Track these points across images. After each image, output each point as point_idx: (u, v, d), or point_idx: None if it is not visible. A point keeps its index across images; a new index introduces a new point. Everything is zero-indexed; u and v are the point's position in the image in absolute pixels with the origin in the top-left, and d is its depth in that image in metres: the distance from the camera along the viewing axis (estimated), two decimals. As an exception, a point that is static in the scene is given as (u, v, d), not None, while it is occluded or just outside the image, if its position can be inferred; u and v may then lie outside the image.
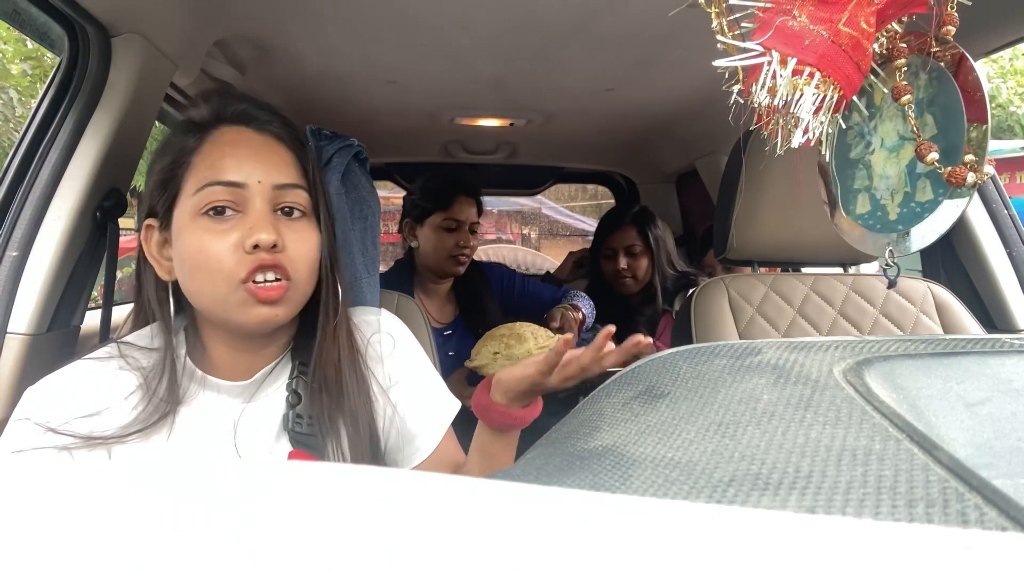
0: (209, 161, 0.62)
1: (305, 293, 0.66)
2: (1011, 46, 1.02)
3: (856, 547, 0.15)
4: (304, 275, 0.64)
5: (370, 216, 0.93)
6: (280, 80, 1.45)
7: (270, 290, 0.61)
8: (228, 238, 0.60)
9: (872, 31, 0.56)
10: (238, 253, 0.60)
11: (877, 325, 1.19)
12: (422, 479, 0.20)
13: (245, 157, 0.63)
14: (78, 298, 0.94)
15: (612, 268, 1.80)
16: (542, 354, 0.67)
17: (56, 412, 0.61)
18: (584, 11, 1.10)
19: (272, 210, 0.63)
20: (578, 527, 0.16)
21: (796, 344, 0.35)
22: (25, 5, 0.86)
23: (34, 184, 0.87)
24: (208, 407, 0.66)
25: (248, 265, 0.60)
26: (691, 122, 1.80)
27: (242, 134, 0.64)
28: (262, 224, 0.61)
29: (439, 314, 1.54)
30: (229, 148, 0.63)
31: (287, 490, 0.19)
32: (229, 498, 0.18)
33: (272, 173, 0.63)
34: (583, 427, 0.35)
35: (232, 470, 0.21)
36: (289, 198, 0.64)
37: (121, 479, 0.20)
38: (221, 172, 0.62)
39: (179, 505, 0.18)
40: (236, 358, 0.68)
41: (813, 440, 0.25)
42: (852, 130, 0.71)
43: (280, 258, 0.61)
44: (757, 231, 1.18)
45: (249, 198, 0.62)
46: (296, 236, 0.64)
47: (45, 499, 0.18)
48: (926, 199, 0.65)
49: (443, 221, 1.45)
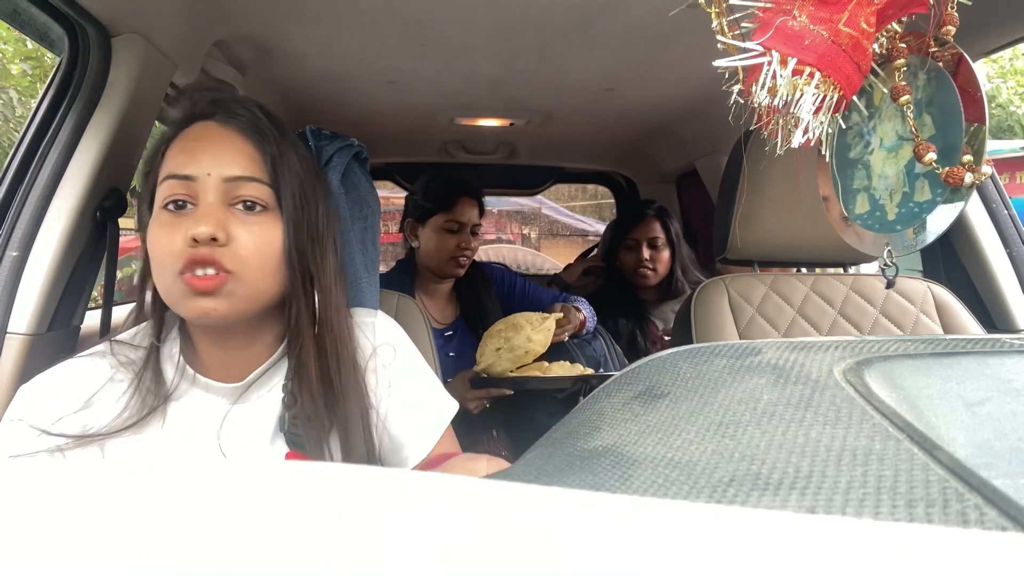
0: (172, 155, 0.64)
1: (254, 288, 0.63)
2: (1011, 46, 1.02)
3: (856, 547, 0.15)
4: (252, 270, 0.63)
5: (370, 216, 0.93)
6: (280, 80, 1.45)
7: (203, 280, 0.60)
8: (178, 231, 0.61)
9: (872, 31, 0.56)
10: (180, 246, 0.60)
11: (877, 325, 1.19)
12: (422, 479, 0.20)
13: (201, 151, 0.63)
14: (78, 298, 0.94)
15: (635, 259, 1.80)
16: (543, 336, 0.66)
17: (48, 409, 0.62)
18: (584, 11, 1.10)
19: (226, 204, 0.63)
20: (578, 527, 0.16)
21: (796, 344, 0.35)
22: (25, 5, 0.86)
23: (34, 184, 0.87)
24: (197, 406, 0.66)
25: (183, 258, 0.60)
26: (691, 122, 1.80)
27: (207, 128, 0.65)
28: (204, 217, 0.61)
29: (440, 315, 1.54)
30: (190, 142, 0.64)
31: (284, 490, 0.19)
32: (219, 499, 0.18)
33: (224, 166, 0.63)
34: (583, 427, 0.35)
35: (222, 471, 0.21)
36: (245, 192, 0.63)
37: (112, 481, 0.20)
38: (177, 166, 0.63)
39: (170, 506, 0.18)
40: (224, 356, 0.68)
41: (813, 440, 0.25)
42: (852, 130, 0.71)
43: (218, 252, 0.61)
44: (757, 231, 1.18)
45: (200, 191, 0.62)
46: (248, 230, 0.63)
47: (36, 502, 0.18)
48: (924, 199, 0.65)
49: (445, 222, 1.45)
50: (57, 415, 0.62)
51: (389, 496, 0.19)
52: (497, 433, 1.47)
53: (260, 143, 0.65)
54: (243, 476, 0.20)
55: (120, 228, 0.97)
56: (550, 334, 1.36)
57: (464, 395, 1.28)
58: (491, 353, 1.34)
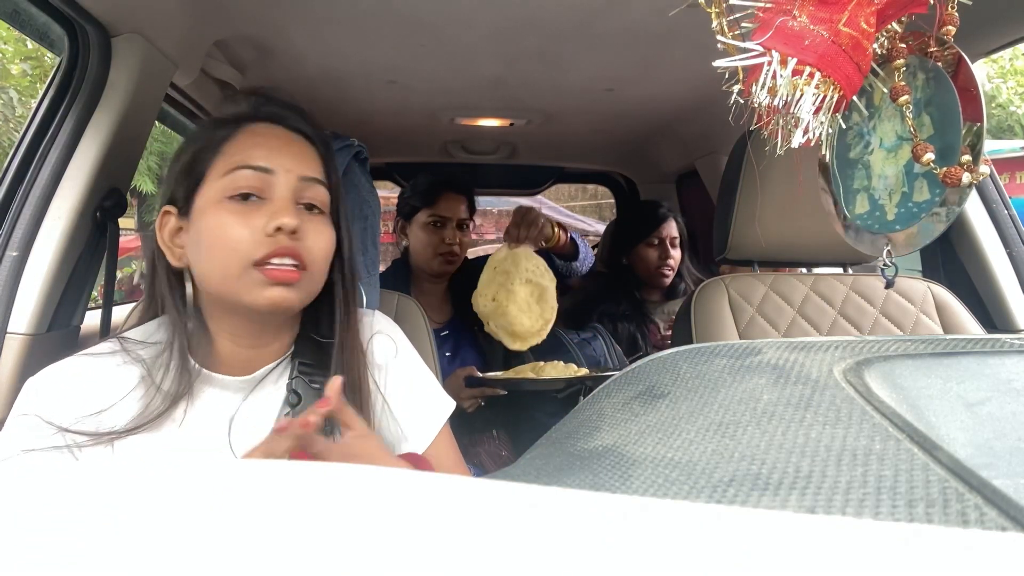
0: (240, 148, 0.65)
1: (317, 285, 0.67)
2: (1011, 46, 1.02)
3: (856, 547, 0.15)
4: (319, 267, 0.66)
5: (370, 216, 0.93)
6: (280, 80, 1.45)
7: (286, 272, 0.62)
8: (250, 221, 0.62)
9: (872, 31, 0.56)
10: (257, 236, 0.62)
11: (877, 325, 1.19)
12: (422, 479, 0.20)
13: (275, 148, 0.66)
14: (78, 298, 0.94)
15: (656, 258, 1.80)
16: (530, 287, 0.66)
17: (59, 407, 0.61)
18: (584, 11, 1.10)
19: (295, 202, 0.65)
20: (578, 527, 0.16)
21: (796, 344, 0.35)
22: (25, 5, 0.86)
23: (34, 184, 0.87)
24: (208, 402, 0.67)
25: (267, 247, 0.62)
26: (691, 122, 1.80)
27: (274, 129, 0.68)
28: (286, 209, 0.63)
29: (435, 314, 1.53)
30: (261, 139, 0.66)
31: (286, 490, 0.19)
32: (226, 499, 0.18)
33: (300, 165, 0.66)
34: (583, 427, 0.35)
35: (229, 471, 0.21)
36: (311, 193, 0.67)
37: (120, 479, 0.20)
38: (251, 158, 0.64)
39: (177, 505, 0.18)
40: (238, 354, 0.68)
41: (813, 440, 0.25)
42: (852, 130, 0.71)
43: (298, 246, 0.63)
44: (757, 231, 1.18)
45: (275, 184, 0.64)
46: (315, 229, 0.66)
47: (43, 501, 0.18)
48: (923, 199, 0.65)
49: (428, 218, 1.45)
50: (70, 411, 0.61)
51: (389, 496, 0.19)
52: (497, 433, 1.46)
53: (324, 152, 0.70)
54: (243, 476, 0.20)
55: (120, 228, 0.97)
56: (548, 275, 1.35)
57: (458, 394, 1.28)
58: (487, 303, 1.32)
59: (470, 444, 1.41)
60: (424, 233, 1.45)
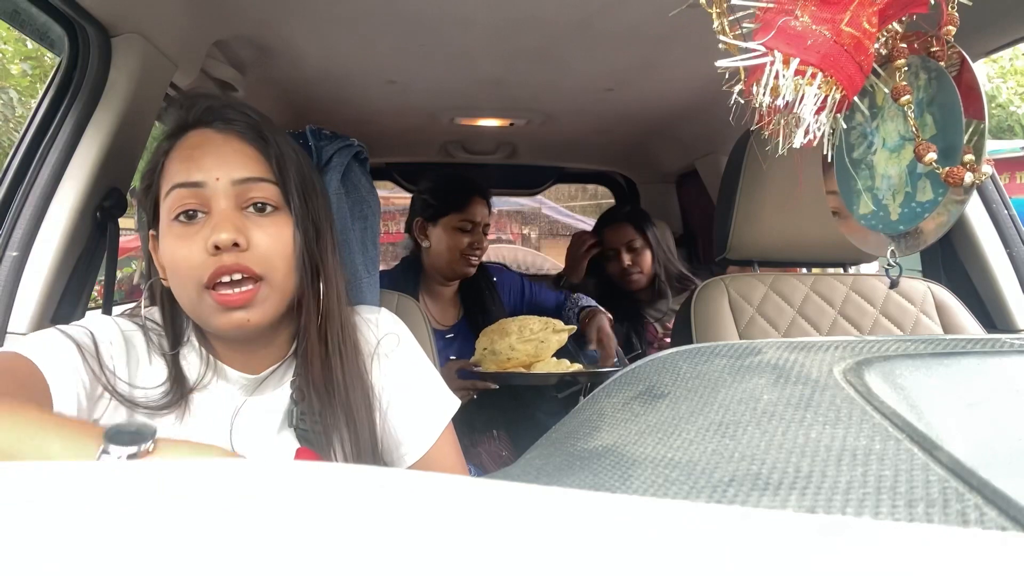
0: (175, 165, 0.63)
1: (284, 290, 0.64)
2: (1011, 46, 1.02)
3: (856, 547, 0.15)
4: (280, 272, 0.63)
5: (370, 216, 0.93)
6: (280, 80, 1.45)
7: (236, 297, 0.60)
8: (195, 242, 0.60)
9: (874, 31, 0.56)
10: (201, 257, 0.59)
11: (877, 325, 1.19)
12: (422, 479, 0.20)
13: (203, 156, 0.62)
14: (78, 298, 0.94)
15: (617, 267, 1.81)
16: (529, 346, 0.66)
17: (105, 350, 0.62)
18: (584, 11, 1.09)
19: (239, 208, 0.62)
20: (578, 527, 0.16)
21: (796, 344, 0.35)
22: (25, 5, 0.86)
23: (34, 184, 0.87)
24: (216, 395, 0.67)
25: (211, 267, 0.59)
26: (691, 122, 1.80)
27: (204, 135, 0.64)
28: (222, 224, 0.60)
29: (442, 316, 1.53)
30: (190, 150, 0.63)
31: (286, 490, 0.19)
32: (219, 498, 0.18)
33: (231, 169, 0.62)
34: (583, 427, 0.35)
35: (228, 470, 0.21)
36: (256, 193, 0.63)
37: (120, 479, 0.20)
38: (182, 174, 0.62)
39: (177, 504, 0.18)
40: (243, 356, 0.68)
41: (813, 440, 0.25)
42: (855, 130, 0.71)
43: (244, 258, 0.60)
44: (757, 231, 1.18)
45: (211, 197, 0.61)
46: (266, 232, 0.62)
47: (44, 497, 0.18)
48: (926, 199, 0.65)
49: (459, 222, 1.46)
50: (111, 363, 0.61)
51: (389, 496, 0.19)
52: (497, 433, 1.47)
53: (261, 144, 0.65)
54: (243, 476, 0.20)
55: (120, 228, 0.97)
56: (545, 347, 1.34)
57: (450, 384, 1.28)
58: (480, 351, 1.35)
59: (470, 444, 1.41)
60: (451, 236, 1.46)
